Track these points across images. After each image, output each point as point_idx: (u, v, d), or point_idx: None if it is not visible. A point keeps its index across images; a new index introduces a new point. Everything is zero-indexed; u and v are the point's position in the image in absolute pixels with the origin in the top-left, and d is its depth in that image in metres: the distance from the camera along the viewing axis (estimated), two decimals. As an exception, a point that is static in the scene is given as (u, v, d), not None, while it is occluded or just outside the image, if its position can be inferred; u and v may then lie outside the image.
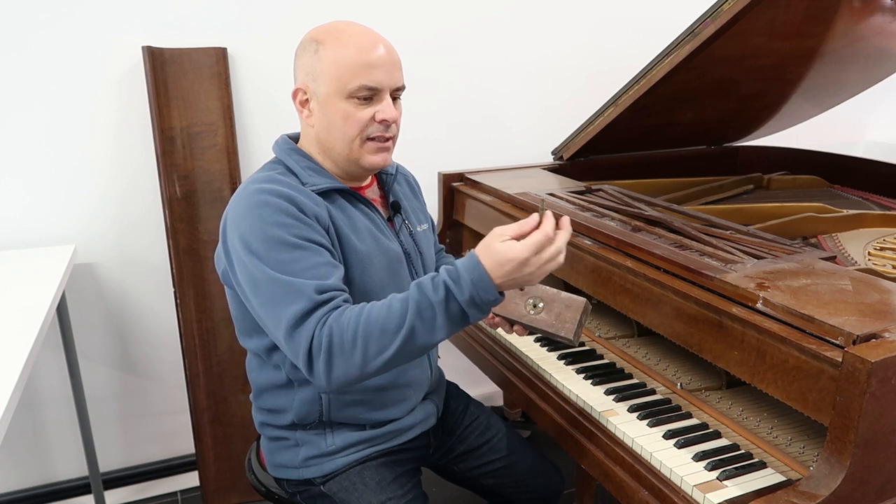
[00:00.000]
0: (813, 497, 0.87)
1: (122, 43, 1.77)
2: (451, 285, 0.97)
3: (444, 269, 1.00)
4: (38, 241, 1.82)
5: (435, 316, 0.97)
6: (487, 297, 0.97)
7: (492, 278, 0.96)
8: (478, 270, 0.96)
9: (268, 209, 1.04)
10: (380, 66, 1.08)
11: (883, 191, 1.95)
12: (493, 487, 1.38)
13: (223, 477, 2.00)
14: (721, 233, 1.36)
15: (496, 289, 0.97)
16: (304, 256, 1.03)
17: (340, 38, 1.09)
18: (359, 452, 1.21)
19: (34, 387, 1.92)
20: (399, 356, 0.99)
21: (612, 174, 2.03)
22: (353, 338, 0.98)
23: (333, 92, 1.09)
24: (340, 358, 0.98)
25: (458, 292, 0.97)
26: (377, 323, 0.97)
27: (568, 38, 2.27)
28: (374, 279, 1.14)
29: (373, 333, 0.97)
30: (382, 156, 1.14)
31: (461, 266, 0.98)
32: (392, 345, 0.97)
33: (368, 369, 0.99)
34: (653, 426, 1.13)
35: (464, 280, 0.96)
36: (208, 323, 1.92)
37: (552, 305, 1.14)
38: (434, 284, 0.98)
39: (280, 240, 1.03)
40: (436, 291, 0.97)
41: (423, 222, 1.31)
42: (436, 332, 0.98)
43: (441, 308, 0.97)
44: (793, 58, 1.72)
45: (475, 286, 0.96)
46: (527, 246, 0.95)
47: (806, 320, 0.96)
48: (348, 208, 1.15)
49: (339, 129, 1.11)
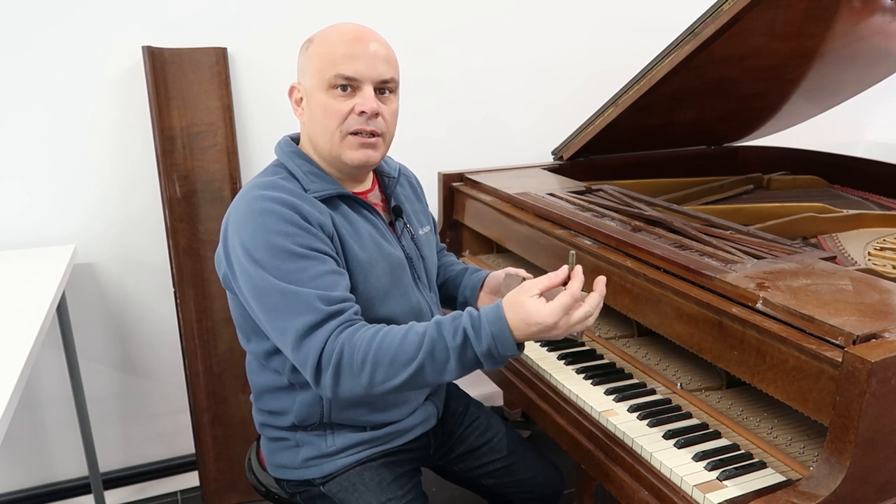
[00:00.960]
0: (813, 497, 0.87)
1: (122, 43, 1.77)
2: (471, 333, 0.96)
3: (467, 313, 0.99)
4: (38, 241, 1.82)
5: (448, 359, 0.97)
6: (505, 351, 0.96)
7: (514, 335, 0.95)
8: (500, 325, 0.95)
9: (271, 217, 1.03)
10: (360, 56, 1.07)
11: (883, 191, 1.95)
12: (493, 488, 1.38)
13: (223, 477, 2.00)
14: (721, 233, 1.36)
15: (516, 345, 0.96)
16: (308, 266, 1.02)
17: (328, 34, 1.09)
18: (359, 453, 1.21)
19: (34, 387, 1.92)
20: (406, 386, 0.99)
21: (612, 174, 2.03)
22: (362, 361, 0.98)
23: (315, 84, 1.08)
24: (348, 376, 0.99)
25: (476, 342, 0.96)
26: (389, 352, 0.97)
27: (568, 38, 2.27)
28: (377, 285, 1.14)
29: (382, 361, 0.97)
30: (364, 152, 1.11)
31: (484, 316, 0.97)
32: (399, 376, 0.98)
33: (374, 392, 0.99)
34: (653, 426, 1.13)
35: (484, 331, 0.96)
36: (208, 323, 1.92)
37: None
38: (454, 328, 0.97)
39: (284, 249, 1.02)
40: (454, 336, 0.97)
41: (424, 225, 1.30)
42: (446, 374, 0.98)
43: (455, 353, 0.97)
44: (793, 58, 1.72)
45: (495, 339, 0.95)
46: (554, 310, 0.94)
47: (806, 320, 0.96)
48: (350, 214, 1.14)
49: (320, 122, 1.10)
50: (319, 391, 1.02)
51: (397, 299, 1.17)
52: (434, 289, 1.31)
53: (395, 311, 1.17)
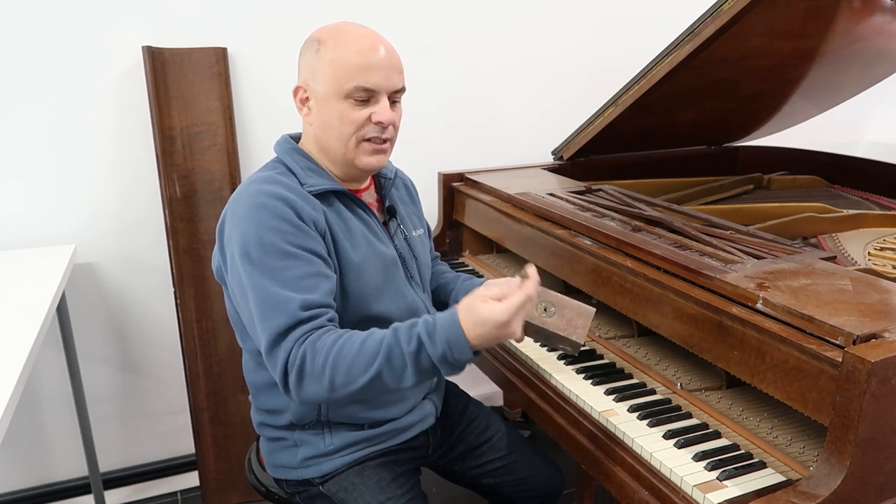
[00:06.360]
0: (813, 497, 0.87)
1: (122, 43, 1.77)
2: (425, 339, 0.98)
3: (423, 319, 1.01)
4: (38, 241, 1.82)
5: (405, 366, 0.98)
6: (460, 356, 0.97)
7: (468, 338, 0.96)
8: (454, 329, 0.96)
9: (265, 213, 1.05)
10: (378, 68, 1.09)
11: (883, 191, 1.95)
12: (494, 486, 1.38)
13: (223, 477, 2.00)
14: (721, 233, 1.36)
15: (471, 348, 0.97)
16: (295, 265, 1.04)
17: (341, 39, 1.09)
18: (357, 452, 1.21)
19: (34, 387, 1.92)
20: (366, 391, 1.00)
21: (612, 174, 2.03)
22: (322, 365, 0.99)
23: (331, 92, 1.09)
24: (310, 379, 1.00)
25: (431, 347, 0.97)
26: (346, 357, 0.99)
27: (568, 38, 2.27)
28: (370, 283, 1.15)
29: (340, 367, 0.99)
30: (377, 157, 1.15)
31: (439, 321, 0.98)
32: (357, 381, 0.99)
33: (336, 395, 1.01)
34: (653, 426, 1.13)
35: (439, 336, 0.97)
36: (208, 323, 1.92)
37: (563, 311, 1.20)
38: (409, 335, 0.99)
39: (273, 246, 1.03)
40: (409, 342, 0.98)
41: (418, 227, 1.32)
42: (404, 380, 0.99)
43: (411, 359, 0.98)
44: (793, 58, 1.72)
45: (449, 344, 0.96)
46: (507, 308, 0.95)
47: (806, 320, 0.96)
48: (344, 212, 1.15)
49: (335, 128, 1.11)
50: (288, 396, 1.04)
51: (392, 297, 1.18)
52: (428, 290, 1.32)
53: (390, 308, 1.17)
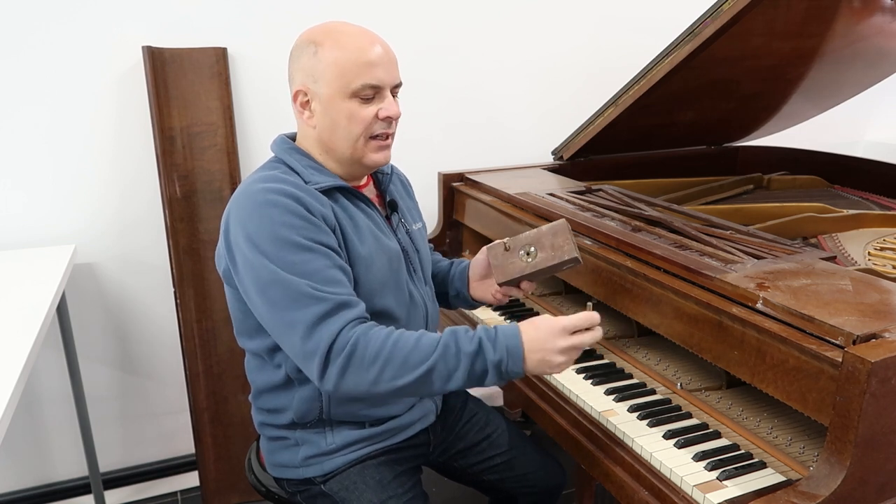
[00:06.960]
0: (813, 497, 0.87)
1: (122, 43, 1.77)
2: (486, 343, 1.02)
3: (482, 326, 1.04)
4: (38, 241, 1.82)
5: (458, 365, 1.01)
6: (514, 367, 1.02)
7: (524, 351, 1.01)
8: (514, 340, 1.01)
9: (276, 209, 1.04)
10: (380, 63, 1.09)
11: (883, 191, 1.95)
12: (495, 483, 1.38)
13: (223, 477, 2.00)
14: (721, 233, 1.36)
15: (524, 363, 1.01)
16: (312, 259, 1.04)
17: (339, 39, 1.09)
18: (359, 451, 1.21)
19: (34, 387, 1.92)
20: (408, 389, 1.02)
21: (612, 174, 2.03)
22: (374, 355, 1.00)
23: (336, 92, 1.09)
24: (356, 369, 1.00)
25: (491, 352, 1.01)
26: (403, 350, 1.01)
27: (568, 38, 2.27)
28: (378, 277, 1.15)
29: (395, 359, 1.00)
30: (384, 153, 1.16)
31: (500, 329, 1.03)
32: (407, 376, 1.00)
33: (376, 390, 1.01)
34: (653, 426, 1.13)
35: (500, 343, 1.01)
36: (208, 323, 1.92)
37: (541, 242, 1.19)
38: (469, 336, 1.02)
39: (288, 240, 1.03)
40: (470, 342, 1.02)
41: (417, 221, 1.33)
42: (451, 381, 1.02)
43: (467, 359, 1.01)
44: (793, 58, 1.72)
45: (508, 352, 1.01)
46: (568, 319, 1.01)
47: (806, 320, 0.96)
48: (349, 207, 1.16)
49: (343, 128, 1.11)
50: (322, 384, 1.03)
51: (393, 292, 1.18)
52: (429, 282, 1.33)
53: (391, 303, 1.18)
